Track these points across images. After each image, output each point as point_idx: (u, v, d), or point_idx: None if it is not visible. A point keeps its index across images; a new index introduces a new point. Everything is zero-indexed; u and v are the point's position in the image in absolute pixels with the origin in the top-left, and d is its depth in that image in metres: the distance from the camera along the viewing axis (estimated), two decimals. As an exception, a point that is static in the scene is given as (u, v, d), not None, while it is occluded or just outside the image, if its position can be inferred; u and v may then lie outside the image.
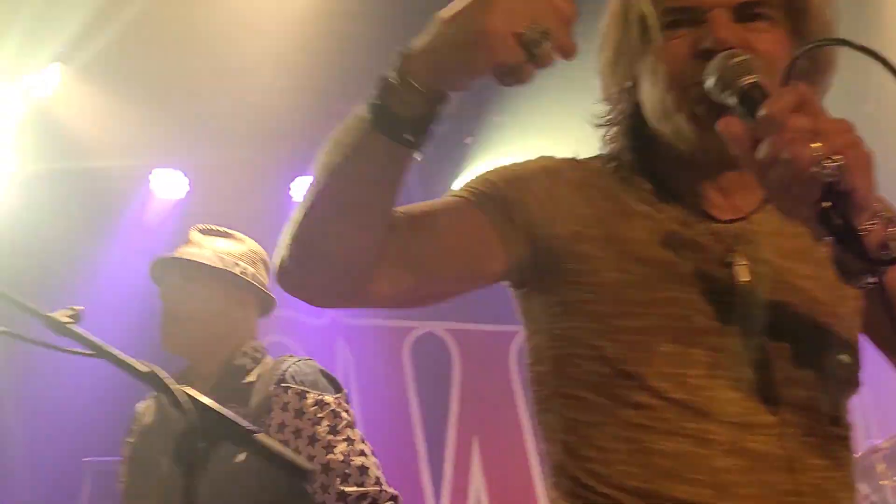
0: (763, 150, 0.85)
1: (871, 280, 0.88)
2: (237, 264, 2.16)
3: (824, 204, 0.82)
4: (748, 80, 0.93)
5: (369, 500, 1.91)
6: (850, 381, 1.10)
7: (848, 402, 1.11)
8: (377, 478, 1.96)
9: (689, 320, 1.04)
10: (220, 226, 2.24)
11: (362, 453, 1.98)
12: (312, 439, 1.95)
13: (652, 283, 1.06)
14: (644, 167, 1.15)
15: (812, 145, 0.81)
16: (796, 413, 1.04)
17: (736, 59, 0.96)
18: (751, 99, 0.91)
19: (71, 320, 1.26)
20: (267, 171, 5.23)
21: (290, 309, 5.79)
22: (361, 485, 1.91)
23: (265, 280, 2.23)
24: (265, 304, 2.26)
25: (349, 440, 1.98)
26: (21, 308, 1.26)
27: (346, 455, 1.94)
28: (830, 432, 1.07)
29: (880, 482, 4.73)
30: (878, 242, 0.85)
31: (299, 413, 1.98)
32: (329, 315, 5.63)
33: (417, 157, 0.96)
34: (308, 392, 2.01)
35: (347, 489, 1.90)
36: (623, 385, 1.04)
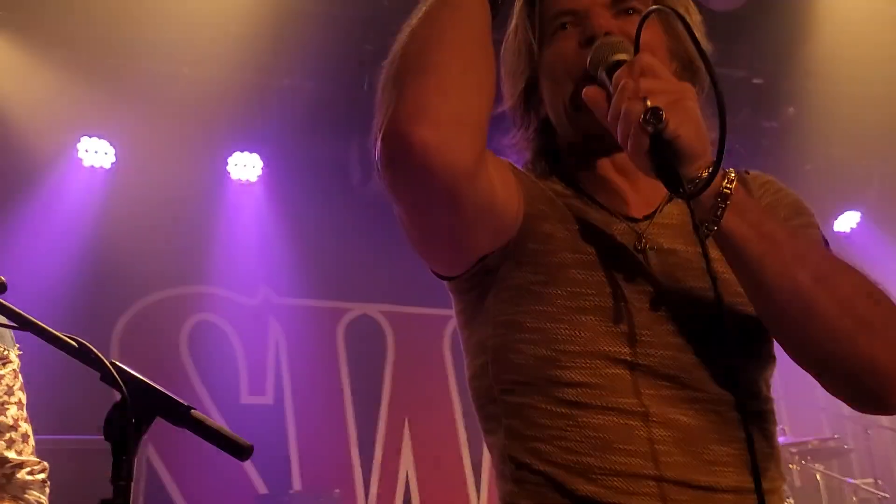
0: (610, 112, 0.99)
1: (711, 228, 0.99)
2: None
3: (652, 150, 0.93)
4: (616, 56, 1.05)
5: (28, 469, 1.88)
6: (761, 355, 1.13)
7: (766, 377, 1.15)
8: (33, 447, 1.92)
9: (615, 301, 1.10)
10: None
11: (27, 420, 1.93)
12: None
13: (591, 265, 1.12)
14: (559, 173, 1.23)
15: (640, 103, 0.95)
16: (716, 387, 1.08)
17: (607, 40, 1.09)
18: (614, 71, 1.03)
19: None
20: (203, 146, 5.11)
21: (220, 287, 5.70)
22: (21, 453, 1.88)
23: None
24: None
25: (20, 404, 1.91)
26: None
27: (16, 420, 1.88)
28: (751, 406, 1.11)
29: (789, 465, 5.00)
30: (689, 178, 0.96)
31: None
32: (261, 294, 5.54)
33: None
34: None
35: (9, 455, 1.86)
36: (561, 365, 1.08)
